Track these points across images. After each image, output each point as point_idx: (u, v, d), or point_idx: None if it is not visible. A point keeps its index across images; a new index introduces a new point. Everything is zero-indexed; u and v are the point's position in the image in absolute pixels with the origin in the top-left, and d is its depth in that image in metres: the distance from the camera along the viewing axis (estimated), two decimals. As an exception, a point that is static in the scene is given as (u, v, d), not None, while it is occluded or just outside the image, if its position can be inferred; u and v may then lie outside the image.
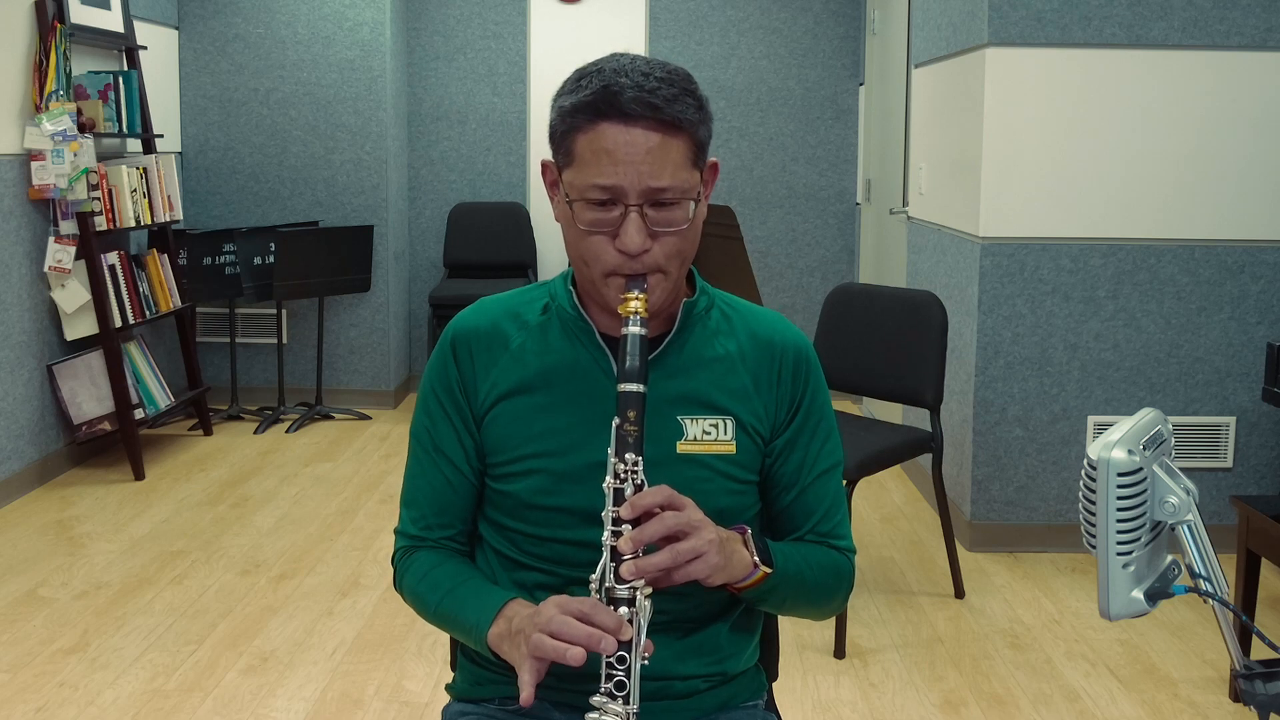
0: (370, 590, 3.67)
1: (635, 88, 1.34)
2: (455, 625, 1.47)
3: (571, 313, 1.49)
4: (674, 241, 1.39)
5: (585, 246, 1.39)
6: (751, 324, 1.54)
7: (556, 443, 1.45)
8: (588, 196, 1.37)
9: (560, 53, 6.40)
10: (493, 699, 1.54)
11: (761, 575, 1.40)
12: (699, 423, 1.47)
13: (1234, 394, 4.00)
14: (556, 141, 1.41)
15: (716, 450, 1.47)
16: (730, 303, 1.56)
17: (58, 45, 4.60)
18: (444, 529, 1.53)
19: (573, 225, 1.40)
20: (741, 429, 1.48)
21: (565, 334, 1.49)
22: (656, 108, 1.34)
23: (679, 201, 1.38)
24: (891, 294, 3.77)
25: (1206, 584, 1.00)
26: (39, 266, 4.65)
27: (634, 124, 1.34)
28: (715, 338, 1.51)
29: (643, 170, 1.35)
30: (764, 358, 1.51)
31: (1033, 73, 3.88)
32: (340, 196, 6.00)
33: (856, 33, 6.39)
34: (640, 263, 1.38)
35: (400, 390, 6.23)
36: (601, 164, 1.35)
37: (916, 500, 4.67)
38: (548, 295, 1.53)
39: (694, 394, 1.48)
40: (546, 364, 1.48)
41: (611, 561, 1.30)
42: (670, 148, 1.36)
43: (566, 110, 1.38)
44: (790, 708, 2.95)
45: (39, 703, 2.92)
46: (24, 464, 4.56)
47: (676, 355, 1.49)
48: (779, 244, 6.51)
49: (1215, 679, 3.12)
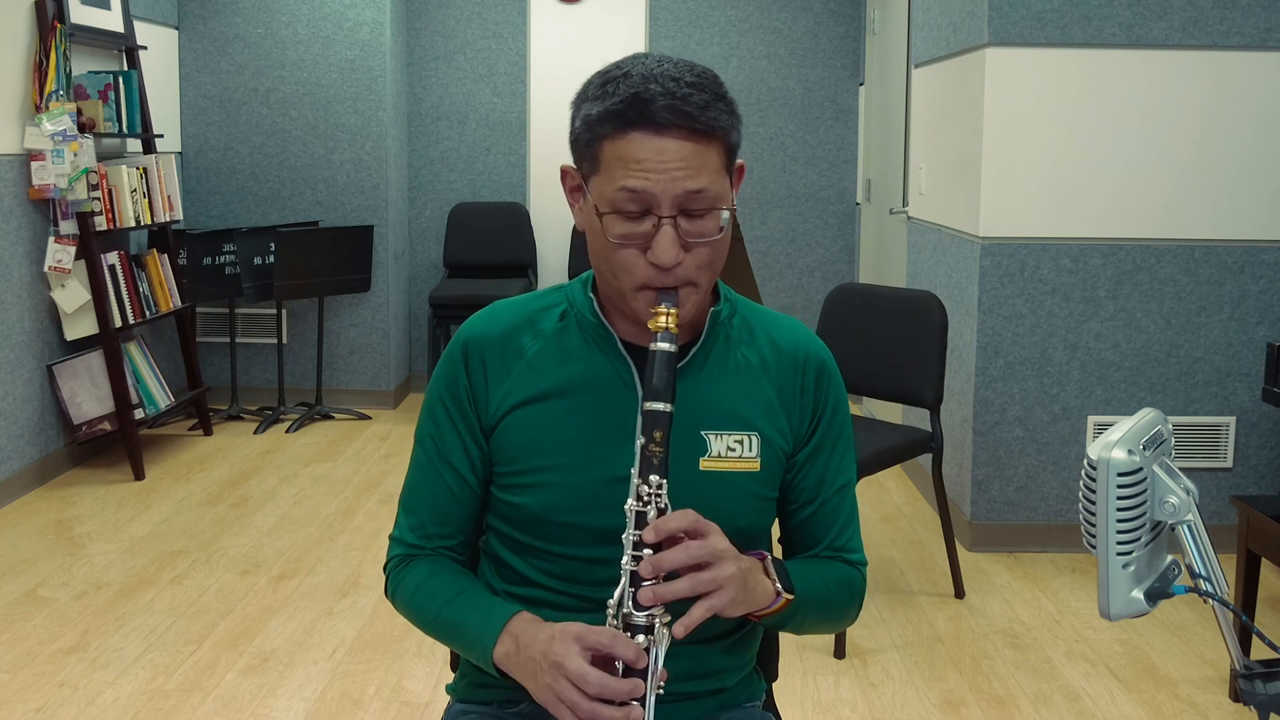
0: (370, 590, 3.67)
1: (667, 95, 1.29)
2: (456, 637, 1.42)
3: (593, 320, 1.44)
4: (705, 252, 1.34)
5: (616, 260, 1.34)
6: (772, 332, 1.49)
7: (572, 455, 1.40)
8: (619, 208, 1.31)
9: (560, 53, 6.40)
10: (493, 702, 1.52)
11: (784, 603, 1.37)
12: (723, 439, 1.42)
13: (1234, 394, 4.00)
14: (581, 149, 1.36)
15: (740, 468, 1.42)
16: (749, 308, 1.51)
17: (58, 45, 4.60)
18: (444, 539, 1.49)
19: (601, 237, 1.34)
20: (766, 445, 1.44)
21: (585, 342, 1.44)
22: (690, 115, 1.29)
23: (711, 210, 1.32)
24: (891, 294, 3.77)
25: (1206, 584, 1.00)
26: (39, 266, 4.65)
27: (666, 133, 1.29)
28: (738, 347, 1.46)
29: (676, 180, 1.29)
30: (787, 369, 1.47)
31: (1033, 73, 3.88)
32: (340, 196, 6.00)
33: (856, 33, 6.39)
34: (673, 276, 1.32)
35: (400, 390, 6.23)
36: (632, 173, 1.30)
37: (916, 500, 4.67)
38: (565, 301, 1.47)
39: (718, 408, 1.43)
40: (565, 373, 1.42)
41: (631, 587, 1.27)
42: (703, 155, 1.31)
43: (593, 118, 1.32)
44: (790, 708, 2.95)
45: (39, 703, 2.92)
46: (24, 464, 4.56)
47: (700, 366, 1.43)
48: (779, 244, 6.51)
49: (1215, 679, 3.12)
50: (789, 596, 1.37)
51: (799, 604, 1.39)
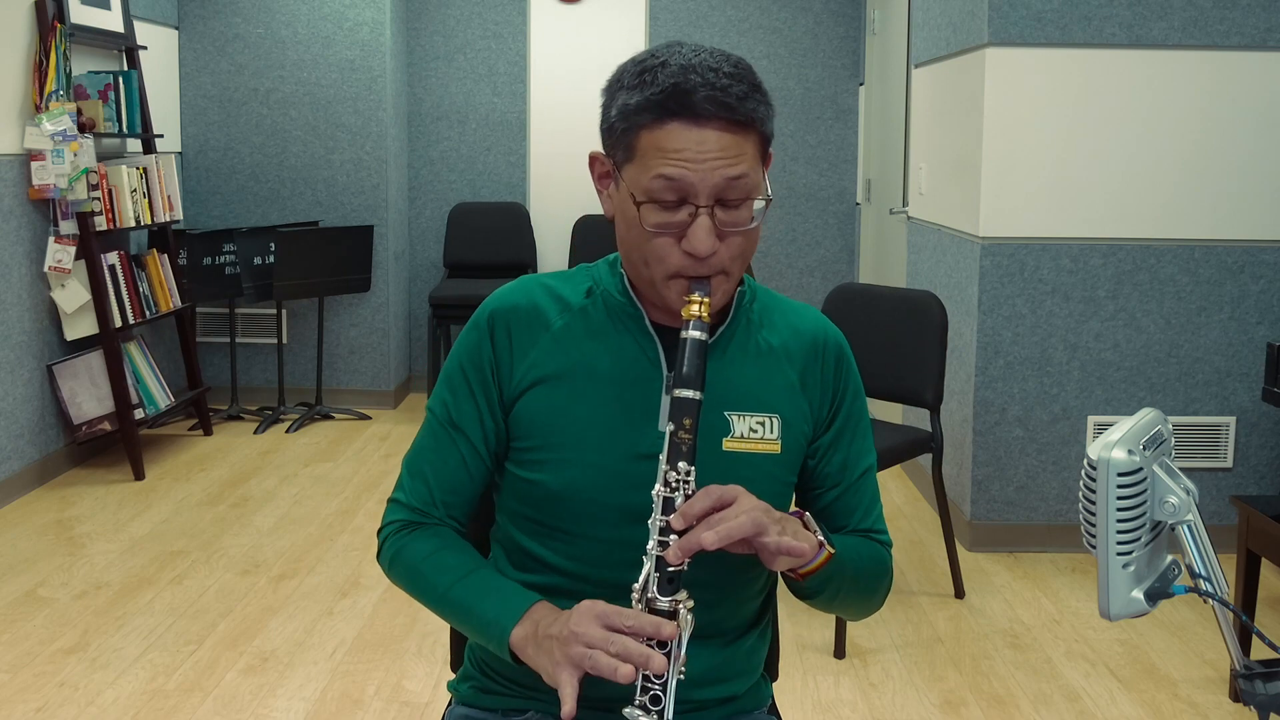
0: (370, 590, 3.67)
1: (707, 86, 1.29)
2: (466, 616, 1.39)
3: (620, 299, 1.44)
4: (740, 242, 1.35)
5: (650, 249, 1.34)
6: (791, 317, 1.50)
7: (595, 433, 1.39)
8: (656, 197, 1.31)
9: (560, 53, 6.40)
10: (497, 710, 1.49)
11: (826, 556, 1.36)
12: (745, 419, 1.42)
13: (1234, 394, 4.00)
14: (615, 137, 1.35)
15: (762, 449, 1.42)
16: (767, 294, 1.52)
17: (58, 45, 4.60)
18: (449, 509, 1.46)
19: (636, 226, 1.34)
20: (787, 427, 1.44)
21: (611, 319, 1.43)
22: (730, 107, 1.30)
23: (746, 200, 1.33)
24: (891, 294, 3.78)
25: (1206, 584, 1.00)
26: (39, 266, 4.65)
27: (706, 124, 1.30)
28: (759, 331, 1.47)
29: (715, 169, 1.30)
30: (808, 353, 1.47)
31: (1033, 73, 3.88)
32: (340, 196, 6.00)
33: (856, 33, 6.39)
34: (707, 265, 1.33)
35: (400, 390, 6.23)
36: (671, 162, 1.30)
37: (916, 500, 4.67)
38: (590, 280, 1.47)
39: (742, 389, 1.43)
40: (590, 349, 1.42)
41: (656, 572, 1.26)
42: (741, 145, 1.32)
43: (630, 108, 1.32)
44: (790, 708, 2.95)
45: (39, 703, 2.92)
46: (24, 464, 4.56)
47: (724, 349, 1.44)
48: (779, 244, 6.52)
49: (1215, 679, 3.12)
50: (831, 550, 1.36)
51: (838, 564, 1.38)
